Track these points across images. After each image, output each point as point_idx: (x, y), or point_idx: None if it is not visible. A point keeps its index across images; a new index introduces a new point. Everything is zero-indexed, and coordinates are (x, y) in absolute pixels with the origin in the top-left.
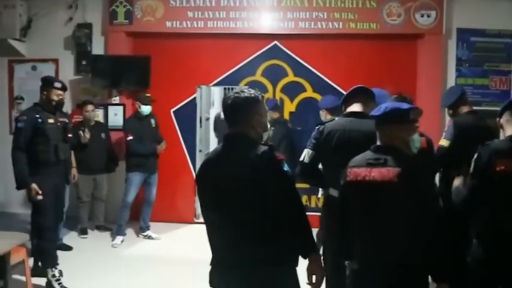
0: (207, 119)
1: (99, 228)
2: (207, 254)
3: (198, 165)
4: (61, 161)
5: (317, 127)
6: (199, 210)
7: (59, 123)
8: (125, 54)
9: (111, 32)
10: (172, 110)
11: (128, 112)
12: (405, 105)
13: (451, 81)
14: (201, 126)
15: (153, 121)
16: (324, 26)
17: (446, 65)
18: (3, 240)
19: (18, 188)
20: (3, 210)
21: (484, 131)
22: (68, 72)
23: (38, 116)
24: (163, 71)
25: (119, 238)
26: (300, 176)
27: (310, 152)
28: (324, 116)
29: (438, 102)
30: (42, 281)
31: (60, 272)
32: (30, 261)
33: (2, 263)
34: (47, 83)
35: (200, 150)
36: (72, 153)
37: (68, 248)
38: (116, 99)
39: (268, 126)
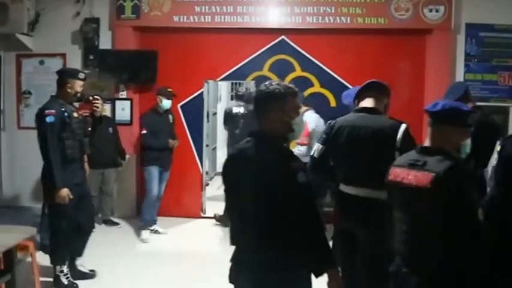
0: (214, 113)
1: (107, 222)
2: (213, 248)
3: (204, 160)
4: (83, 157)
5: (328, 122)
6: (206, 205)
7: (80, 117)
8: (132, 49)
9: (118, 26)
10: (179, 105)
11: (135, 107)
12: (466, 107)
13: (459, 76)
14: (208, 121)
15: (170, 117)
16: (332, 21)
17: (454, 60)
18: (10, 234)
19: (56, 187)
20: (11, 204)
21: (491, 126)
22: (75, 66)
23: (63, 109)
24: (170, 65)
25: (145, 232)
26: (310, 171)
27: (321, 147)
28: None
29: None
30: (49, 274)
31: (72, 274)
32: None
33: (9, 257)
34: (71, 75)
35: (207, 145)
36: None
37: None
38: (123, 94)
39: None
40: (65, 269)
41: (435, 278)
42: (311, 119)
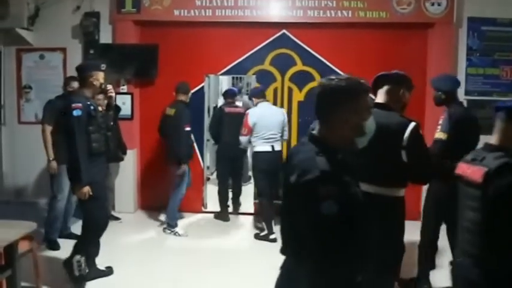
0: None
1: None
2: (214, 243)
3: (206, 155)
4: (108, 151)
5: None
6: (207, 200)
7: (103, 111)
8: (132, 43)
9: (118, 20)
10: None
11: (136, 101)
12: None
13: (461, 70)
14: (209, 116)
15: None
16: (333, 15)
17: (456, 54)
18: (11, 228)
19: (80, 183)
20: (12, 199)
21: (475, 121)
22: (75, 61)
23: (89, 103)
24: (171, 59)
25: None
26: None
27: None
28: None
29: None
30: (49, 268)
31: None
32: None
33: (10, 252)
34: (95, 67)
35: (208, 140)
36: None
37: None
38: (124, 88)
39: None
40: (83, 262)
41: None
42: (254, 113)
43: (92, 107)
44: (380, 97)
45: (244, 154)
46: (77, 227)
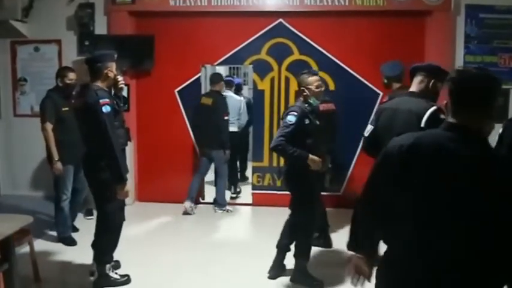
0: None
1: None
2: (212, 234)
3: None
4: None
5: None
6: (204, 191)
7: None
8: (128, 34)
9: (113, 11)
10: (176, 90)
11: (132, 92)
12: None
13: (459, 58)
14: None
15: None
16: (330, 3)
17: (454, 42)
18: (7, 222)
19: (122, 182)
20: (8, 192)
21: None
22: (70, 52)
23: (111, 98)
24: (167, 50)
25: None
26: (363, 149)
27: (370, 127)
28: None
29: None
30: (48, 263)
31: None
32: (37, 243)
33: (6, 246)
34: (109, 58)
35: None
36: None
37: (75, 230)
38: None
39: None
40: (112, 266)
41: None
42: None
43: (115, 101)
44: (413, 86)
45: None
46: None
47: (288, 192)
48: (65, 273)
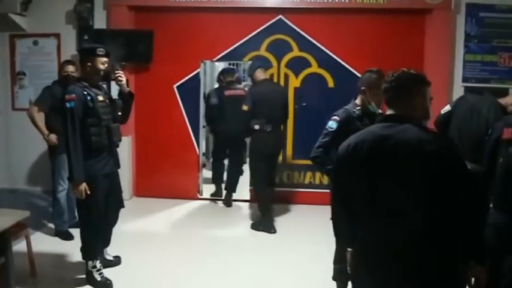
0: None
1: None
2: (210, 230)
3: (201, 141)
4: (113, 144)
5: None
6: (202, 187)
7: (107, 100)
8: (127, 29)
9: (113, 6)
10: (175, 86)
11: (131, 87)
12: None
13: (459, 57)
14: (204, 102)
15: None
16: (330, 0)
17: (454, 40)
18: (3, 216)
19: (72, 180)
20: (5, 186)
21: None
22: (70, 47)
23: (86, 93)
24: (166, 45)
25: None
26: (434, 124)
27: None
28: None
29: (446, 79)
30: (45, 257)
31: (101, 263)
32: (34, 237)
33: (3, 240)
34: (89, 52)
35: (204, 126)
36: None
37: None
38: None
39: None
40: (98, 264)
41: None
42: None
43: (89, 97)
44: None
45: None
46: None
47: (284, 188)
48: (61, 268)
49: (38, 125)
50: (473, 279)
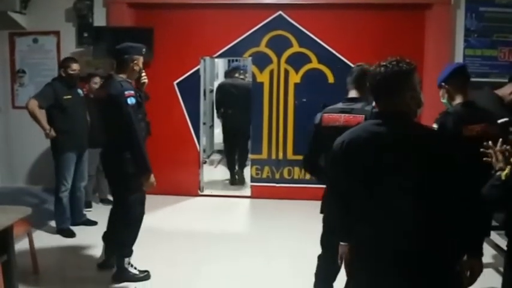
0: (211, 91)
1: (104, 201)
2: (210, 227)
3: (202, 138)
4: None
5: None
6: (203, 183)
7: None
8: (127, 26)
9: (112, 3)
10: (175, 82)
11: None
12: None
13: (459, 52)
14: (205, 99)
15: None
16: None
17: (454, 35)
18: (5, 214)
19: (146, 173)
20: (6, 184)
21: None
22: (69, 44)
23: (134, 90)
24: (166, 42)
25: None
26: None
27: None
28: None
29: None
30: (47, 255)
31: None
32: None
33: (5, 237)
34: (137, 51)
35: (204, 123)
36: None
37: (92, 223)
38: None
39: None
40: (131, 260)
41: None
42: None
43: (137, 93)
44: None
45: None
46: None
47: (285, 184)
48: (64, 265)
49: (39, 119)
50: (468, 272)
